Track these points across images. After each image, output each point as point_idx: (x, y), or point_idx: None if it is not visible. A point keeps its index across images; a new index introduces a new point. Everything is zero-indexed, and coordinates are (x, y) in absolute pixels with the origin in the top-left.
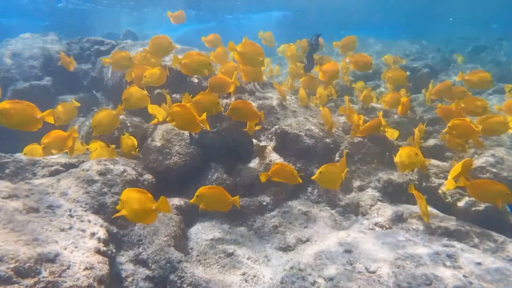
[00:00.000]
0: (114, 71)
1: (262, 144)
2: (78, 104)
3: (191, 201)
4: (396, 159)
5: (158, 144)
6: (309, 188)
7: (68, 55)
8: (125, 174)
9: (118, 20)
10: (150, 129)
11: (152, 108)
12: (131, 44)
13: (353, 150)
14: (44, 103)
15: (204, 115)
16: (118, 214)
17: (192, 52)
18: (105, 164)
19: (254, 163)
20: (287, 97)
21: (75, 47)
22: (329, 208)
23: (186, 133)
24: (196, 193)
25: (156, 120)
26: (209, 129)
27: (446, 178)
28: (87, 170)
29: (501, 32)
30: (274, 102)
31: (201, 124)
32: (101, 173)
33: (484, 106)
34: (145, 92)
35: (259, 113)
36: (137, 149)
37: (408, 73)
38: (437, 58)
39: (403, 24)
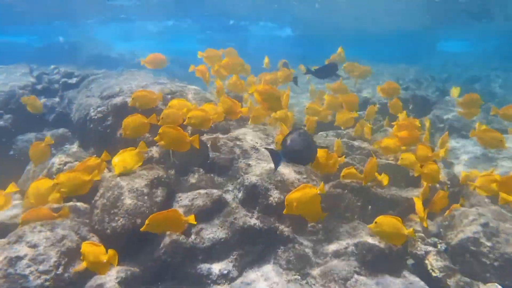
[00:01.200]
0: (79, 106)
1: (227, 196)
2: (51, 142)
3: (142, 229)
4: (374, 228)
5: (104, 200)
6: (279, 251)
7: (35, 90)
8: (63, 242)
9: (109, 33)
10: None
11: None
12: (102, 76)
13: (330, 203)
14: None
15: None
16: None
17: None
18: (40, 231)
19: (217, 221)
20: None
21: (45, 79)
22: (299, 277)
23: (142, 189)
24: (146, 221)
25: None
26: (198, 147)
27: (435, 245)
28: (14, 243)
29: (496, 61)
30: (248, 144)
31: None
32: (32, 245)
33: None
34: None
35: (190, 138)
36: None
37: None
38: (431, 86)
39: (396, 47)
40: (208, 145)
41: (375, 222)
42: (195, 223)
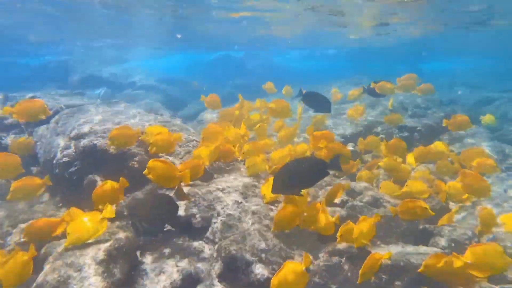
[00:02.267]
0: (46, 146)
1: (202, 268)
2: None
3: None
4: None
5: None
6: None
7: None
8: None
9: (101, 55)
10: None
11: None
12: (69, 114)
13: (325, 278)
14: None
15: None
16: None
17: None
18: None
19: None
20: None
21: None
22: None
23: (97, 266)
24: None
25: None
26: (189, 182)
27: None
28: None
29: (508, 82)
30: (231, 197)
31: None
32: None
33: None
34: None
35: (180, 173)
36: None
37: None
38: (438, 114)
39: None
40: (183, 202)
41: None
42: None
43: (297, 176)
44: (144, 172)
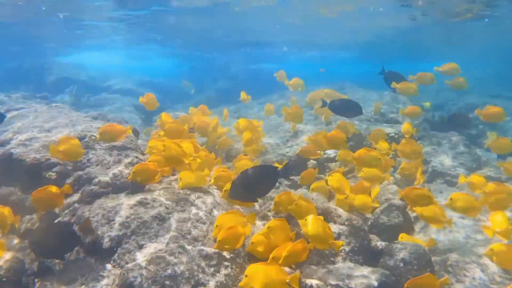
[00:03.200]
0: None
1: None
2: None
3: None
4: None
5: None
6: None
7: None
8: None
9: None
10: None
11: None
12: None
13: None
14: None
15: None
16: None
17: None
18: None
19: None
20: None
21: None
22: None
23: None
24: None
25: None
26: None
27: None
28: None
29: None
30: (153, 212)
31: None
32: None
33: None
34: None
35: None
36: None
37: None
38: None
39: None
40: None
41: None
42: None
43: (253, 183)
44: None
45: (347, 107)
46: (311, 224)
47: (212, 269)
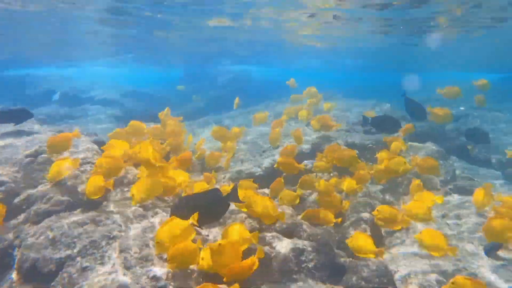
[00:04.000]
0: None
1: None
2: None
3: None
4: None
5: None
6: None
7: None
8: None
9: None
10: None
11: None
12: None
13: None
14: None
15: None
16: None
17: None
18: None
19: None
20: None
21: None
22: None
23: None
24: None
25: None
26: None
27: None
28: None
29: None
30: (106, 229)
31: None
32: None
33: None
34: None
35: None
36: None
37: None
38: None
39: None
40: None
41: None
42: None
43: (194, 209)
44: None
45: (387, 123)
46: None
47: None
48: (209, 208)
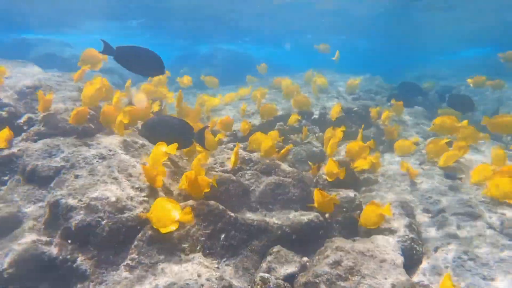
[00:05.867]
0: None
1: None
2: None
3: None
4: None
5: None
6: None
7: None
8: None
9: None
10: None
11: None
12: None
13: None
14: None
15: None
16: None
17: None
18: None
19: None
20: None
21: None
22: None
23: None
24: None
25: None
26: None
27: None
28: None
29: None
30: (95, 151)
31: None
32: None
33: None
34: None
35: None
36: None
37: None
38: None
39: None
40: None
41: None
42: None
43: (160, 128)
44: None
45: (463, 103)
46: None
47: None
48: (174, 135)
